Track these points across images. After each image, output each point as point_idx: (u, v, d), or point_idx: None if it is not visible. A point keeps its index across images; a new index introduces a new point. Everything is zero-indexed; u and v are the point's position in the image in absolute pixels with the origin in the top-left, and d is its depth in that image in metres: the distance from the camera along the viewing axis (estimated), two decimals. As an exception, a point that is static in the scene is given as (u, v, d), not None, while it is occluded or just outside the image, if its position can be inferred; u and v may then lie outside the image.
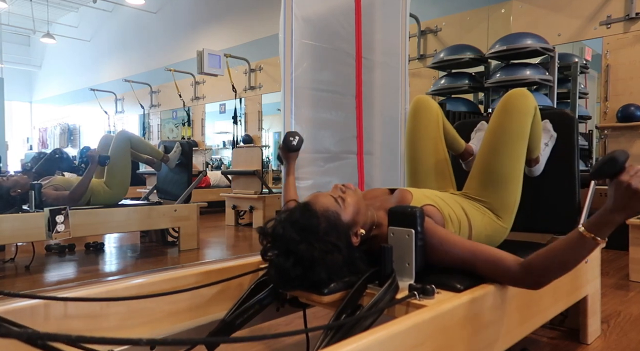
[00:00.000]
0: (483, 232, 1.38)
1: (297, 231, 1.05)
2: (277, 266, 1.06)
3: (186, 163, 3.59)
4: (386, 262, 1.07)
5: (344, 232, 1.11)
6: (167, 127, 9.41)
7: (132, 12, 10.08)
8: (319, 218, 1.08)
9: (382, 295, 1.01)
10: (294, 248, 1.04)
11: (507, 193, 1.42)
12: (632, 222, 2.47)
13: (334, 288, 1.07)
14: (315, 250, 1.03)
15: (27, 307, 0.96)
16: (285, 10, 2.06)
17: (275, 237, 1.08)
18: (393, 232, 1.11)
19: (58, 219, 2.56)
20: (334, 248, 1.05)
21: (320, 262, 1.03)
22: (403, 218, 1.11)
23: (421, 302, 0.98)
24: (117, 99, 10.49)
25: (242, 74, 7.52)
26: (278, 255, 1.06)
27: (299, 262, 1.03)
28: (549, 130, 1.68)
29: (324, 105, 2.22)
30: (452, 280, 1.09)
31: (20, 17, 11.69)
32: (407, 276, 1.08)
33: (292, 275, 1.04)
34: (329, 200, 1.15)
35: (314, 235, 1.05)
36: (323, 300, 1.06)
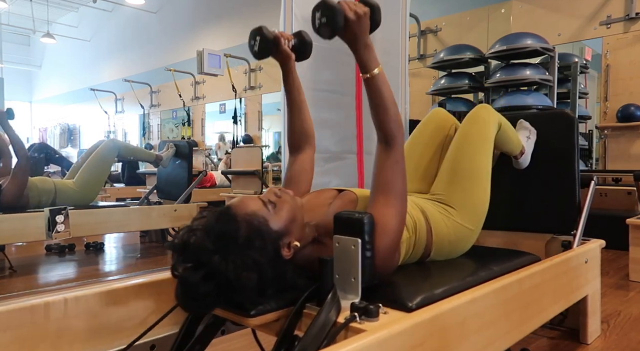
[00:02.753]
0: (446, 237, 1.27)
1: (211, 239, 0.89)
2: (182, 282, 0.88)
3: (186, 163, 3.59)
4: (325, 277, 0.92)
5: (271, 242, 0.94)
6: (167, 127, 9.41)
7: (132, 12, 10.09)
8: (239, 224, 0.92)
9: (322, 320, 0.86)
10: (205, 259, 0.87)
11: (472, 190, 1.35)
12: (632, 222, 2.47)
13: (264, 309, 0.91)
14: (230, 263, 0.87)
15: (27, 307, 0.96)
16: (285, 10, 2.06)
17: (184, 247, 0.90)
18: (338, 241, 0.95)
19: (58, 219, 2.56)
20: (254, 262, 0.89)
21: (234, 278, 0.87)
22: (349, 226, 0.95)
23: (361, 326, 0.84)
24: (117, 99, 10.49)
25: (242, 74, 7.52)
26: (185, 269, 0.89)
27: (210, 276, 0.87)
28: (526, 128, 1.71)
29: (324, 105, 2.22)
30: (404, 296, 0.96)
31: (20, 17, 11.70)
32: (352, 294, 0.93)
33: (201, 292, 0.87)
34: (257, 204, 0.99)
35: (232, 245, 0.89)
36: (250, 322, 0.91)
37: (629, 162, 3.97)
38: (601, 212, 3.21)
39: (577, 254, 1.50)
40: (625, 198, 3.49)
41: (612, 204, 3.50)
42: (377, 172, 1.07)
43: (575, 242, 1.57)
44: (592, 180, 1.68)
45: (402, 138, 1.07)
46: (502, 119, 1.50)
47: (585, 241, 1.62)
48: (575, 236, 1.58)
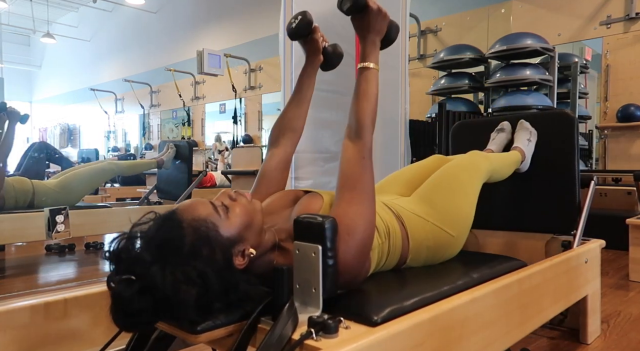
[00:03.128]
0: (424, 242, 1.18)
1: (150, 248, 0.80)
2: (115, 295, 0.78)
3: (186, 163, 3.60)
4: (280, 288, 0.82)
5: (221, 251, 0.84)
6: (167, 127, 9.41)
7: (132, 12, 10.09)
8: (184, 231, 0.82)
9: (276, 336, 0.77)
10: (141, 271, 0.77)
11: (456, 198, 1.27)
12: (632, 222, 2.47)
13: (212, 324, 0.81)
14: (168, 276, 0.77)
15: (27, 307, 0.96)
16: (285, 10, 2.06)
17: (120, 257, 0.81)
18: (298, 248, 0.86)
19: (58, 219, 2.56)
20: (198, 275, 0.79)
21: (172, 293, 0.76)
22: (309, 231, 0.86)
23: (316, 344, 0.75)
24: (117, 99, 10.49)
25: (242, 74, 7.52)
26: (119, 282, 0.79)
27: (146, 290, 0.77)
28: (527, 128, 1.71)
29: (324, 105, 2.23)
30: (370, 308, 0.87)
31: (20, 17, 11.70)
32: (313, 306, 0.83)
33: (135, 307, 0.77)
34: (206, 208, 0.88)
35: (174, 255, 0.79)
36: (197, 339, 0.81)
37: (629, 162, 3.97)
38: (601, 212, 3.21)
39: (577, 254, 1.49)
40: (625, 198, 3.49)
41: (612, 204, 3.50)
42: (342, 167, 1.01)
43: (575, 242, 1.57)
44: (592, 180, 1.68)
45: (371, 135, 1.05)
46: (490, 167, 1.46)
47: (585, 241, 1.62)
48: (575, 236, 1.58)
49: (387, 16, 1.12)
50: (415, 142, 3.00)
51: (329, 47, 1.31)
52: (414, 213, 1.20)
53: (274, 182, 1.22)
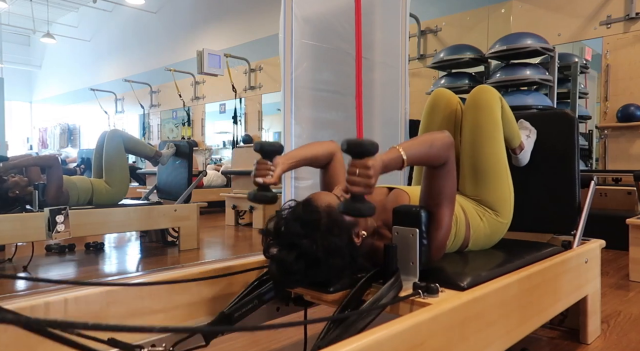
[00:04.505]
0: (482, 231, 1.40)
1: (299, 226, 1.04)
2: (279, 261, 1.03)
3: (186, 163, 3.59)
4: (390, 260, 1.07)
5: (346, 231, 1.09)
6: (167, 127, 9.41)
7: (132, 12, 10.09)
8: (320, 214, 1.06)
9: (385, 292, 1.01)
10: (297, 241, 1.02)
11: (499, 186, 1.44)
12: (632, 222, 2.47)
13: (339, 287, 1.07)
14: (319, 245, 1.02)
15: (27, 307, 0.96)
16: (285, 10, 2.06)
17: (278, 232, 1.07)
18: (397, 231, 1.12)
19: (58, 219, 2.56)
20: (336, 246, 1.04)
21: (323, 258, 1.02)
22: (407, 218, 1.11)
23: (425, 300, 0.98)
24: (117, 99, 10.49)
25: (242, 74, 7.52)
26: (280, 250, 1.05)
27: (301, 256, 1.02)
28: (527, 127, 1.72)
29: (324, 105, 2.22)
30: (456, 278, 1.09)
31: (20, 17, 11.69)
32: (411, 275, 1.09)
33: (294, 269, 1.01)
34: (332, 197, 1.14)
35: (317, 231, 1.04)
36: (328, 297, 1.06)
37: (629, 162, 3.97)
38: (601, 212, 3.21)
39: (577, 254, 1.50)
40: (625, 198, 3.49)
41: (612, 204, 3.51)
42: (430, 179, 1.17)
43: (575, 242, 1.57)
44: (592, 180, 1.68)
45: (452, 152, 1.15)
46: (501, 97, 1.51)
47: (585, 241, 1.62)
48: (575, 236, 1.58)
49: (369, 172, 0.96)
50: (415, 142, 2.99)
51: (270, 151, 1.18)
52: (474, 207, 1.42)
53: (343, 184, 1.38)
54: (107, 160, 3.29)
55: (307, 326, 1.32)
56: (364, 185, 0.95)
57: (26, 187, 2.90)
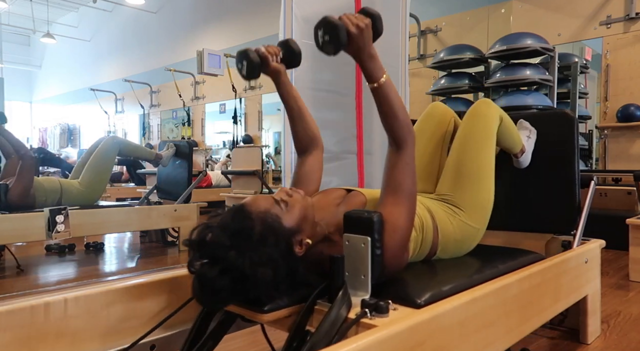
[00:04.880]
0: (452, 236, 1.29)
1: (227, 236, 0.92)
2: (200, 277, 0.90)
3: (186, 163, 3.59)
4: (336, 274, 0.94)
5: (284, 239, 0.97)
6: (167, 127, 9.41)
7: (132, 12, 10.09)
8: (253, 221, 0.95)
9: (333, 316, 0.88)
10: (222, 255, 0.90)
11: (477, 190, 1.36)
12: (632, 222, 2.47)
13: (277, 305, 0.94)
14: (247, 259, 0.89)
15: (27, 307, 0.96)
16: (285, 10, 2.06)
17: (201, 243, 0.93)
18: (348, 239, 0.98)
19: (58, 219, 2.56)
20: (269, 258, 0.92)
21: (251, 272, 0.89)
22: (359, 224, 0.97)
23: (372, 321, 0.86)
24: (117, 99, 10.49)
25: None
26: (202, 264, 0.91)
27: (226, 271, 0.89)
28: (527, 127, 1.71)
29: (324, 105, 2.22)
30: (413, 293, 0.98)
31: (20, 17, 11.69)
32: (362, 290, 0.95)
33: (217, 286, 0.88)
34: (269, 202, 1.02)
35: (247, 241, 0.92)
36: (264, 318, 0.94)
37: (629, 162, 3.97)
38: (601, 212, 3.21)
39: (577, 254, 1.50)
40: (625, 198, 3.48)
41: (612, 204, 3.50)
42: (387, 172, 1.10)
43: (575, 242, 1.57)
44: (592, 180, 1.68)
45: (412, 141, 1.09)
46: (503, 114, 1.50)
47: (585, 241, 1.62)
48: (575, 236, 1.58)
49: (368, 24, 1.05)
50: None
51: (284, 53, 1.30)
52: (443, 209, 1.32)
53: (312, 183, 1.32)
54: (93, 162, 3.19)
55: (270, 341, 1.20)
56: (354, 21, 1.01)
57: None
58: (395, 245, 1.03)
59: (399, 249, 1.06)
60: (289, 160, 2.14)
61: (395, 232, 1.03)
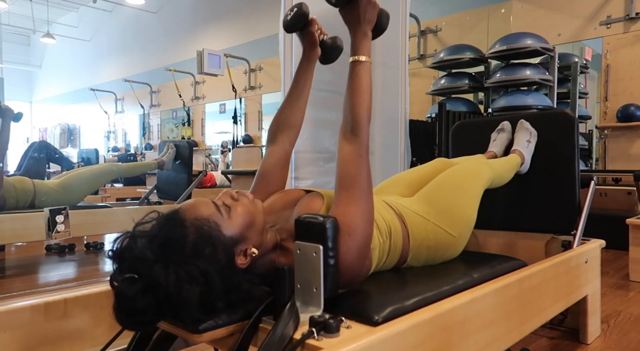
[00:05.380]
0: (424, 242, 1.18)
1: (153, 247, 0.79)
2: (119, 295, 0.78)
3: (186, 163, 3.60)
4: (282, 287, 0.82)
5: (223, 250, 0.84)
6: (167, 127, 9.41)
7: (132, 12, 10.09)
8: (187, 230, 0.82)
9: (278, 336, 0.77)
10: (144, 270, 0.77)
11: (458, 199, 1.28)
12: (632, 222, 2.47)
13: (215, 324, 0.81)
14: (171, 274, 0.76)
15: (27, 307, 0.96)
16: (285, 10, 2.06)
17: (123, 255, 0.81)
18: (299, 247, 0.86)
19: (58, 219, 2.56)
20: (201, 272, 0.79)
21: (174, 291, 0.76)
22: (310, 231, 0.86)
23: (318, 343, 0.75)
24: (117, 99, 10.49)
25: (242, 74, 7.52)
26: (122, 280, 0.78)
27: (149, 288, 0.76)
28: (527, 129, 1.70)
29: (324, 105, 2.22)
30: (370, 307, 0.87)
31: (20, 17, 11.70)
32: (314, 305, 0.83)
33: (139, 305, 0.76)
34: (208, 208, 0.88)
35: (176, 254, 0.79)
36: (198, 339, 0.81)
37: (629, 162, 3.97)
38: (601, 212, 3.21)
39: (577, 254, 1.49)
40: (625, 198, 3.48)
41: (612, 204, 3.50)
42: (340, 166, 1.00)
43: (575, 242, 1.57)
44: (592, 180, 1.68)
45: (367, 131, 1.03)
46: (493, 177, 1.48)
47: (585, 241, 1.62)
48: (575, 236, 1.58)
49: (377, 4, 1.09)
50: (415, 142, 3.00)
51: (327, 39, 1.26)
52: (416, 212, 1.20)
53: (274, 181, 1.21)
54: (83, 172, 3.16)
55: None
56: None
57: None
58: (351, 253, 0.91)
59: (356, 257, 0.93)
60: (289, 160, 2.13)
61: (351, 237, 0.91)
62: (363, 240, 0.94)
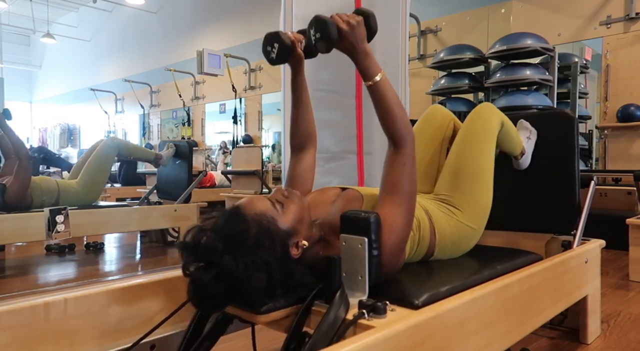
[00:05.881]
0: (449, 237, 1.28)
1: (221, 240, 0.90)
2: (194, 282, 0.89)
3: (186, 163, 3.60)
4: (333, 275, 0.93)
5: (280, 242, 0.95)
6: (167, 127, 9.41)
7: (132, 12, 10.09)
8: (248, 224, 0.92)
9: (332, 317, 0.87)
10: (216, 259, 0.88)
11: (476, 190, 1.35)
12: (632, 222, 2.47)
13: (274, 306, 0.93)
14: (241, 264, 0.87)
15: (27, 307, 0.96)
16: (285, 10, 2.06)
17: (195, 247, 0.91)
18: (345, 240, 0.97)
19: (58, 219, 2.57)
20: (264, 262, 0.90)
21: (245, 278, 0.87)
22: (355, 225, 0.96)
23: (369, 323, 0.86)
24: (117, 99, 10.49)
25: (242, 74, 7.52)
26: (197, 268, 0.90)
27: (221, 276, 0.87)
28: (527, 128, 1.71)
29: (324, 105, 2.22)
30: (410, 294, 0.98)
31: (20, 17, 11.70)
32: (359, 291, 0.95)
33: (212, 291, 0.87)
34: (265, 203, 0.99)
35: (242, 245, 0.90)
36: (260, 319, 0.93)
37: (629, 162, 3.97)
38: (601, 212, 3.21)
39: (577, 254, 1.50)
40: (625, 198, 3.49)
41: (612, 204, 3.50)
42: (386, 172, 1.08)
43: (575, 242, 1.57)
44: (592, 180, 1.68)
45: (411, 140, 1.08)
46: (505, 118, 1.50)
47: (585, 241, 1.62)
48: (575, 236, 1.58)
49: (360, 21, 1.04)
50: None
51: (306, 41, 1.23)
52: (441, 210, 1.30)
53: (308, 182, 1.31)
54: (92, 163, 3.18)
55: None
56: (345, 19, 1.02)
57: None
58: (392, 246, 1.02)
59: (396, 250, 1.04)
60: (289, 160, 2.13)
61: (392, 233, 1.02)
62: (402, 237, 1.06)
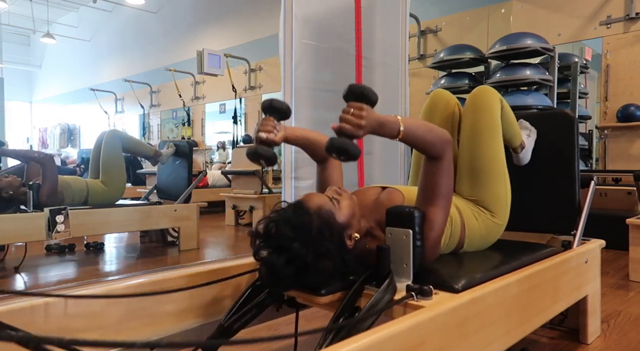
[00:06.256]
0: (477, 232, 1.38)
1: (290, 229, 1.02)
2: (268, 265, 1.02)
3: (186, 163, 3.59)
4: (383, 262, 1.06)
5: (337, 233, 1.08)
6: (167, 127, 9.41)
7: (132, 12, 10.09)
8: (312, 217, 1.05)
9: (381, 296, 0.99)
10: (287, 245, 1.01)
11: (496, 187, 1.42)
12: (632, 222, 2.47)
13: (332, 289, 1.06)
14: (309, 250, 1.00)
15: (27, 307, 0.96)
16: (285, 10, 2.06)
17: (267, 235, 1.05)
18: (391, 232, 1.10)
19: (58, 219, 2.57)
20: (327, 250, 1.03)
21: (313, 262, 1.00)
22: (401, 219, 1.09)
23: (419, 303, 0.97)
24: (117, 99, 10.49)
25: (242, 74, 7.52)
26: (270, 253, 1.03)
27: (291, 260, 1.00)
28: (527, 127, 1.71)
29: (324, 105, 2.22)
30: (450, 280, 1.08)
31: (20, 17, 11.70)
32: (404, 277, 1.07)
33: (283, 273, 1.00)
34: (324, 199, 1.12)
35: (307, 234, 1.02)
36: (320, 300, 1.05)
37: (629, 162, 3.97)
38: (601, 212, 3.21)
39: (577, 254, 1.50)
40: (625, 198, 3.49)
41: (612, 204, 3.50)
42: (425, 177, 1.17)
43: (575, 242, 1.57)
44: (592, 180, 1.68)
45: (450, 149, 1.13)
46: (501, 97, 1.50)
47: (585, 241, 1.62)
48: (575, 236, 1.58)
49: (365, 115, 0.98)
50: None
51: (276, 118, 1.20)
52: (469, 208, 1.40)
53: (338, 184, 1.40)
54: (105, 161, 3.28)
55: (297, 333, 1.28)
56: (354, 124, 0.96)
57: (20, 187, 2.87)
58: (431, 238, 1.14)
59: (435, 242, 1.16)
60: (290, 160, 2.14)
61: (432, 228, 1.13)
62: (441, 232, 1.18)
